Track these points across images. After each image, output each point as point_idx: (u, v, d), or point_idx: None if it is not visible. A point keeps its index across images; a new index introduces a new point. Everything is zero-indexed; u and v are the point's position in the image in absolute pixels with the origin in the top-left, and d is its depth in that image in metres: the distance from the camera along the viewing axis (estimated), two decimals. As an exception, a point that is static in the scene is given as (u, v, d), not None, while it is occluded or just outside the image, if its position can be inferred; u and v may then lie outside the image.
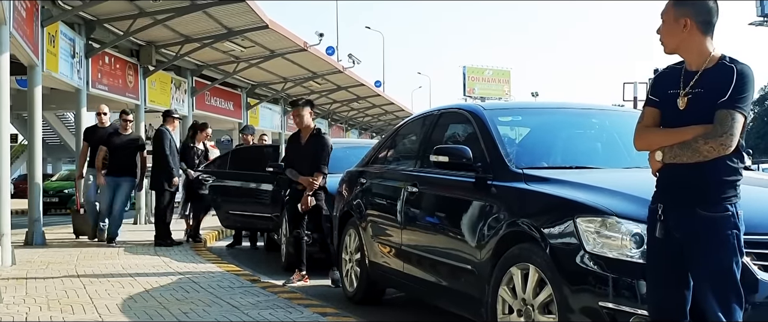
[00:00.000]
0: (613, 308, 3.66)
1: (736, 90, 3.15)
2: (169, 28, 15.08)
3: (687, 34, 3.26)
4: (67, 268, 8.34)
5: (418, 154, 5.98)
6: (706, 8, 3.26)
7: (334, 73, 24.23)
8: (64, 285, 7.11)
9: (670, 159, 3.23)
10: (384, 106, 36.96)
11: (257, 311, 5.84)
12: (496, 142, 4.98)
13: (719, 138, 3.12)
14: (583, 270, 3.79)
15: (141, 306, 6.06)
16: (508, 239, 4.35)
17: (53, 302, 6.22)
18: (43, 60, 11.27)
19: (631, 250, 3.66)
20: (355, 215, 6.74)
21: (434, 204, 5.50)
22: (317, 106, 31.70)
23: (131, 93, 15.78)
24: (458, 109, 5.91)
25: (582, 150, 5.49)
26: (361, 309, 6.39)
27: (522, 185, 4.50)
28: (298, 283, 7.59)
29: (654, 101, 3.38)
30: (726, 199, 3.18)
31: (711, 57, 3.26)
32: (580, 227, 3.84)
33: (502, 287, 4.32)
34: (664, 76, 3.40)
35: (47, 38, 11.54)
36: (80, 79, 13.33)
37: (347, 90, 28.45)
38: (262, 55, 18.93)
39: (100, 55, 14.20)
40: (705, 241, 3.18)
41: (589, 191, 4.11)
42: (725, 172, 3.19)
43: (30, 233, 10.85)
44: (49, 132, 34.80)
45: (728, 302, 3.16)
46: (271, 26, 15.82)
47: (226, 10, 14.36)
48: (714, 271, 3.18)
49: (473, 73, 79.63)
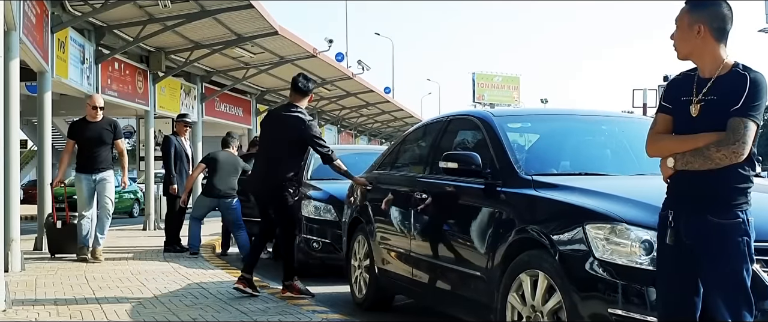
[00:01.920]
0: (623, 315, 3.65)
1: (749, 98, 3.14)
2: (178, 34, 15.12)
3: (701, 40, 3.25)
4: (76, 273, 8.36)
5: (428, 161, 5.98)
6: (721, 15, 3.25)
7: (343, 79, 24.25)
8: (73, 291, 7.13)
9: (682, 166, 3.22)
10: (393, 113, 36.96)
11: (266, 317, 5.84)
12: (505, 148, 4.98)
13: (731, 146, 3.11)
14: (593, 277, 3.78)
15: (150, 312, 6.07)
16: (518, 246, 4.34)
17: (62, 308, 6.23)
18: (52, 66, 11.32)
19: (641, 257, 3.65)
20: (364, 221, 6.73)
21: (443, 210, 5.49)
22: (326, 112, 31.76)
23: (141, 99, 15.83)
24: (467, 115, 5.91)
25: (591, 157, 5.48)
26: (369, 315, 6.39)
27: (531, 192, 4.49)
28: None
29: (666, 108, 3.37)
30: (737, 206, 3.17)
31: (724, 64, 3.25)
32: (590, 233, 3.83)
33: (511, 294, 4.31)
34: (676, 83, 3.39)
35: (57, 44, 11.59)
36: (90, 85, 13.38)
37: (357, 96, 28.46)
38: (272, 61, 18.97)
39: (110, 61, 14.25)
40: (715, 248, 3.16)
41: (598, 197, 4.11)
42: (736, 179, 3.18)
43: (39, 238, 10.87)
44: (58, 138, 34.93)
45: (738, 309, 3.14)
46: (280, 32, 15.85)
47: (236, 17, 14.38)
48: (724, 278, 3.16)
49: (482, 79, 79.49)
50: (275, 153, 6.92)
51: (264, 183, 7.03)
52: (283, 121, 6.98)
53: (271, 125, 7.17)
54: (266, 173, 6.97)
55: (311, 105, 29.23)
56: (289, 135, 6.88)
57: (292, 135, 6.87)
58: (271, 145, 7.00)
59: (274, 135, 7.02)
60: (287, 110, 7.05)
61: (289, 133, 6.88)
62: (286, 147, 6.89)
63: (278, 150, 6.90)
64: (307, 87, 7.12)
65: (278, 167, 6.87)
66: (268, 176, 6.93)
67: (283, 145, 6.90)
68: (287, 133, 6.89)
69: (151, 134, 16.28)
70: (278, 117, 7.13)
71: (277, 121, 7.09)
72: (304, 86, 7.09)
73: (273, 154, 6.94)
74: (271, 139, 7.04)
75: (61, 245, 9.88)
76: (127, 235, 14.40)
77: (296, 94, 7.09)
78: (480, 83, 78.90)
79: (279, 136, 6.94)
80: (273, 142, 6.99)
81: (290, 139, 6.88)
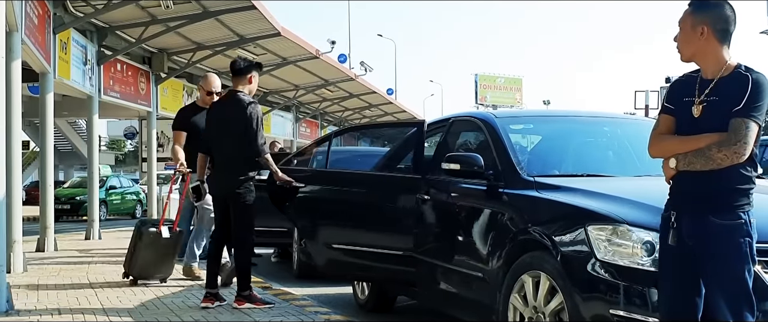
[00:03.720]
0: (625, 316, 3.65)
1: (751, 99, 3.14)
2: (181, 35, 15.15)
3: (704, 41, 3.25)
4: (79, 275, 8.36)
5: (430, 162, 5.97)
6: (724, 16, 3.25)
7: (346, 80, 24.29)
8: (75, 292, 7.13)
9: (684, 166, 3.22)
10: (396, 114, 37.01)
11: (269, 318, 5.84)
12: (507, 150, 4.98)
13: (733, 146, 3.11)
14: (595, 278, 3.78)
15: (153, 313, 6.07)
16: (520, 247, 4.34)
17: (65, 310, 6.23)
18: (54, 67, 11.33)
19: (643, 258, 3.66)
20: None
21: (445, 212, 5.48)
22: (329, 114, 31.80)
23: (143, 100, 15.86)
24: (470, 117, 5.91)
25: (593, 158, 5.48)
26: (371, 317, 6.38)
27: (533, 193, 4.50)
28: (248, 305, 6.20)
29: (669, 109, 3.38)
30: (739, 207, 3.17)
31: (727, 65, 3.25)
32: (592, 234, 3.83)
33: (513, 295, 4.31)
34: (679, 84, 3.40)
35: (59, 45, 11.60)
36: (92, 86, 13.41)
37: (359, 98, 28.52)
38: (274, 62, 19.00)
39: (112, 62, 14.28)
40: (718, 249, 3.16)
41: (600, 198, 4.11)
42: (738, 180, 3.18)
43: (42, 240, 10.89)
44: (60, 139, 35.01)
45: (740, 309, 3.14)
46: (283, 33, 15.87)
47: (239, 18, 14.42)
48: (726, 279, 3.16)
49: (485, 81, 79.52)
50: (229, 149, 6.21)
51: (220, 184, 6.32)
52: (228, 112, 6.23)
53: (216, 119, 6.38)
54: (223, 173, 6.29)
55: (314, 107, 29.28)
56: (236, 127, 6.13)
57: (239, 126, 6.12)
58: (223, 142, 6.26)
59: (222, 129, 6.27)
60: (230, 98, 6.32)
61: (236, 125, 6.14)
62: (238, 141, 6.14)
63: (231, 146, 6.19)
64: (240, 65, 6.29)
65: (234, 164, 6.18)
66: (225, 176, 6.24)
67: (235, 139, 6.16)
68: (235, 126, 6.14)
69: (154, 136, 16.32)
70: (221, 109, 6.39)
71: (222, 113, 6.33)
72: (239, 66, 6.29)
73: (227, 150, 6.23)
74: (219, 135, 6.30)
75: (147, 267, 7.51)
76: (130, 236, 14.37)
77: (236, 77, 6.32)
78: (482, 85, 78.91)
79: (227, 130, 6.21)
80: (223, 137, 6.26)
81: (239, 132, 6.13)
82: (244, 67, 6.31)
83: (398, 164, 6.53)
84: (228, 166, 6.22)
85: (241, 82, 6.31)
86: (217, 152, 6.34)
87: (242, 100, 6.19)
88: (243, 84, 6.31)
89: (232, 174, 6.18)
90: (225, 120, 6.25)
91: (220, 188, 6.34)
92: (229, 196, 6.21)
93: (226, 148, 6.23)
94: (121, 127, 38.47)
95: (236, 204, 6.20)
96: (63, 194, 22.92)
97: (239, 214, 6.21)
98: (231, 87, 6.44)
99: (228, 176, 6.21)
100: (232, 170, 6.18)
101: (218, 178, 6.35)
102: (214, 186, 6.45)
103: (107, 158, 45.77)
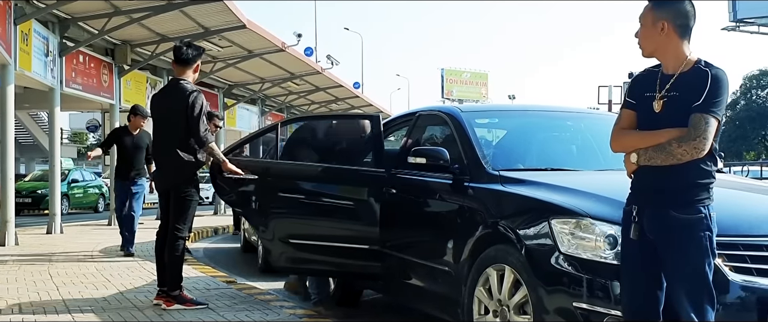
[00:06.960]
0: (587, 309, 3.69)
1: (711, 94, 3.18)
2: (144, 27, 14.97)
3: (664, 37, 3.29)
4: (40, 269, 8.25)
5: (397, 156, 5.97)
6: (684, 12, 3.29)
7: (312, 74, 24.17)
8: (37, 287, 7.04)
9: (645, 161, 3.26)
10: (362, 108, 36.93)
11: (233, 312, 5.81)
12: (473, 144, 5.00)
13: (693, 141, 3.15)
14: (558, 271, 3.82)
15: (115, 308, 6.01)
16: (485, 240, 4.37)
17: (25, 304, 6.15)
18: (15, 58, 11.14)
19: (605, 251, 3.70)
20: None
21: (412, 205, 5.49)
22: (295, 107, 31.66)
23: (106, 93, 15.65)
24: (436, 111, 5.92)
25: (557, 152, 5.53)
26: (337, 310, 6.38)
27: (498, 187, 4.52)
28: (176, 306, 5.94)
29: (631, 104, 3.41)
30: (699, 201, 3.22)
31: (687, 61, 3.29)
32: (555, 228, 3.87)
33: (478, 288, 4.34)
34: (640, 79, 3.43)
35: (20, 36, 11.41)
36: (54, 78, 13.20)
37: (326, 91, 28.41)
38: (240, 55, 18.85)
39: (75, 54, 14.07)
40: (678, 242, 3.21)
41: (564, 192, 4.15)
42: (698, 175, 3.23)
43: (2, 234, 10.72)
44: (22, 132, 34.46)
45: (701, 302, 3.19)
46: (248, 26, 15.76)
47: (203, 10, 14.28)
48: (687, 272, 3.21)
49: (451, 75, 79.84)
50: (171, 140, 5.95)
51: (163, 177, 6.18)
52: (170, 102, 6.01)
53: (158, 108, 6.17)
54: (165, 166, 6.13)
55: (280, 100, 29.16)
56: (178, 117, 5.89)
57: (181, 116, 5.88)
58: (165, 133, 6.06)
59: (163, 120, 6.07)
60: (173, 87, 6.09)
61: (177, 115, 5.89)
62: (180, 130, 5.90)
63: (173, 136, 5.95)
64: (188, 55, 6.04)
65: (176, 156, 5.90)
66: (167, 169, 6.09)
67: (176, 128, 5.92)
68: (177, 116, 5.89)
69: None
70: (163, 99, 6.19)
71: (164, 103, 6.12)
72: (186, 55, 6.04)
73: (169, 141, 5.97)
74: (161, 125, 6.10)
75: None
76: (92, 230, 14.24)
77: (179, 66, 6.08)
78: (449, 79, 79.24)
79: (169, 120, 6.00)
80: (165, 128, 6.06)
81: (181, 122, 5.89)
82: (192, 57, 6.06)
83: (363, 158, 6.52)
84: (170, 158, 5.97)
85: (185, 71, 6.08)
86: (159, 144, 6.15)
87: (185, 89, 5.94)
88: (186, 73, 6.08)
89: (173, 166, 5.98)
90: (167, 109, 6.03)
91: (162, 181, 6.20)
92: (172, 188, 6.03)
93: (168, 138, 5.99)
94: (84, 120, 37.97)
95: (176, 196, 5.99)
96: (24, 188, 22.55)
97: (175, 207, 5.99)
98: (174, 76, 6.19)
99: (169, 168, 6.04)
100: (173, 162, 5.96)
101: (161, 171, 6.20)
102: (157, 180, 6.33)
103: (69, 151, 45.13)
